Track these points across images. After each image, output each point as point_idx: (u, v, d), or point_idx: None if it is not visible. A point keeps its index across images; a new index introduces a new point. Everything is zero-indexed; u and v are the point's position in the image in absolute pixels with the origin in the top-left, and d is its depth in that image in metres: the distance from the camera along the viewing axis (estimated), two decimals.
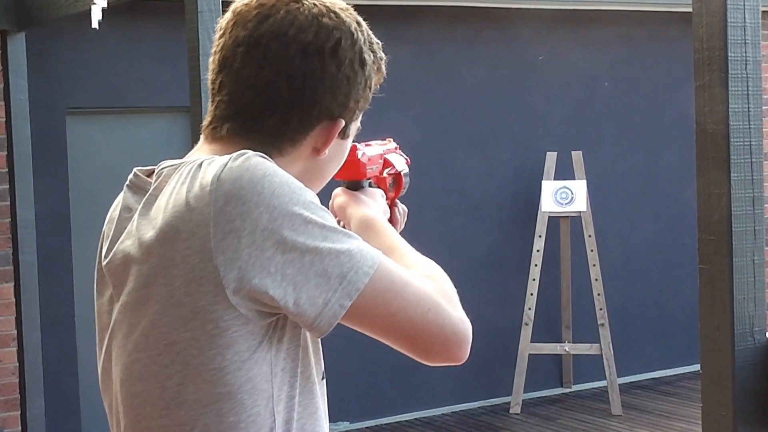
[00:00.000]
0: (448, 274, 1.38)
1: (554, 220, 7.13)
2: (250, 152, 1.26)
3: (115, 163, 5.83)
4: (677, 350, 7.81)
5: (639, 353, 7.73)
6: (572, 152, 7.11)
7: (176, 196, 1.25)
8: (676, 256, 7.71)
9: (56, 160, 5.89)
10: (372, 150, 1.65)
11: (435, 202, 6.95)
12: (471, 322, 1.32)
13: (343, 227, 1.52)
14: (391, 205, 1.72)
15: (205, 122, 1.39)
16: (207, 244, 1.20)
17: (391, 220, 1.70)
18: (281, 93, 1.33)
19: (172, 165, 1.32)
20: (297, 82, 1.33)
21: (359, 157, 1.58)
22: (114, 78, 6.04)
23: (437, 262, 1.41)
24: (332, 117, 1.37)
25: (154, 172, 1.34)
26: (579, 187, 6.99)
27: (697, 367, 6.72)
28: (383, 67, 1.45)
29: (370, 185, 1.64)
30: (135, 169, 1.38)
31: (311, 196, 1.25)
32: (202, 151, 1.37)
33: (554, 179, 7.03)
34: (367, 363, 6.59)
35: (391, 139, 1.76)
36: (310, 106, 1.35)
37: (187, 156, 1.37)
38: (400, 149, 1.77)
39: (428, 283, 1.31)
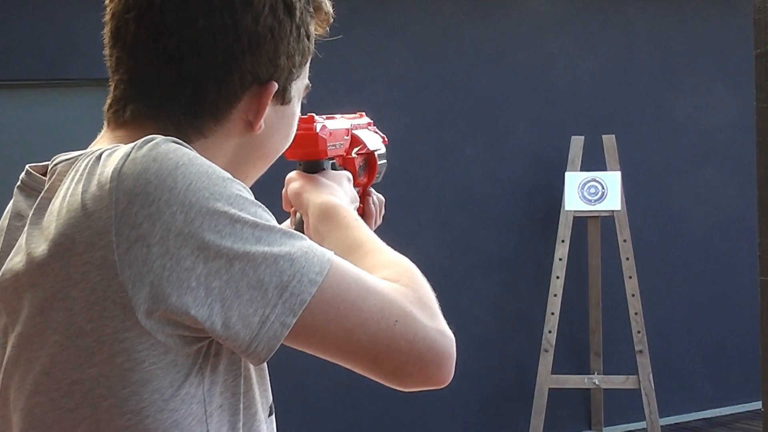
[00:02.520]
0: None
1: (581, 221, 7.14)
2: (159, 137, 1.24)
3: (48, 148, 5.75)
4: (733, 384, 7.84)
5: (686, 387, 7.76)
6: (603, 136, 7.12)
7: (71, 198, 1.23)
8: (732, 267, 7.73)
9: None
10: (335, 123, 1.63)
11: (432, 198, 6.95)
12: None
13: (300, 219, 1.50)
14: (363, 194, 1.72)
15: (106, 104, 1.38)
16: (109, 257, 1.19)
17: (363, 213, 1.70)
18: (188, 63, 1.32)
19: (68, 159, 1.30)
20: (206, 47, 1.32)
21: (317, 130, 1.56)
22: (46, 45, 6.03)
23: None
24: (260, 81, 1.36)
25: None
26: (611, 180, 7.00)
27: (757, 404, 6.72)
28: (326, 5, 1.44)
29: (333, 167, 1.63)
30: (27, 166, 1.37)
31: (239, 189, 1.24)
32: (105, 139, 1.36)
33: (581, 170, 7.04)
34: (349, 394, 6.59)
35: (364, 114, 1.76)
36: (228, 73, 1.34)
37: (90, 146, 1.35)
38: (375, 126, 1.76)
39: (397, 288, 1.30)
